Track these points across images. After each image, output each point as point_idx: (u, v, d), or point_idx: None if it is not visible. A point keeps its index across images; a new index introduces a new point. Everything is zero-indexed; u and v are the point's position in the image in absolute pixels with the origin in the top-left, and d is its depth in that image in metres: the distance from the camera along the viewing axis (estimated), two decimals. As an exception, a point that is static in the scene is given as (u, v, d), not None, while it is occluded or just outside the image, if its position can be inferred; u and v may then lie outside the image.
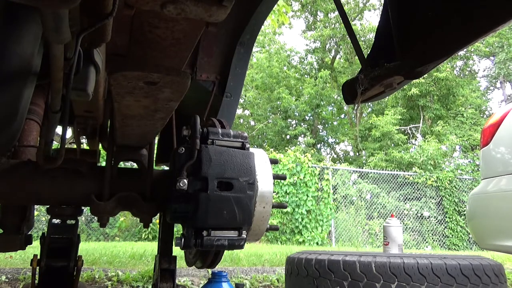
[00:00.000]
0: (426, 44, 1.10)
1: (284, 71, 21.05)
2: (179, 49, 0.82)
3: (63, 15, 0.56)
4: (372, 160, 15.32)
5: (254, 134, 19.66)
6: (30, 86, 0.85)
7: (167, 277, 1.47)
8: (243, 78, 1.80)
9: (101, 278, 2.97)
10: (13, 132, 0.93)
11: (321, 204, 9.92)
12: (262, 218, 1.20)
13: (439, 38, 1.05)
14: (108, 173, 1.27)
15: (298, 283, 1.68)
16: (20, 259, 3.53)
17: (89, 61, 0.82)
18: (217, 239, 1.10)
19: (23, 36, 0.73)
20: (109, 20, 0.66)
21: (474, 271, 1.51)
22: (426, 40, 1.11)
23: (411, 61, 1.13)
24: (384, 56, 1.22)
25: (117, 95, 0.93)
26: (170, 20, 0.71)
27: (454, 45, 1.03)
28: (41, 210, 6.82)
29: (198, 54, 1.69)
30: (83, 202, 1.31)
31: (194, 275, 3.19)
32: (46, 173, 1.24)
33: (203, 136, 1.17)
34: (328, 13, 21.07)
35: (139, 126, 1.16)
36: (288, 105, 19.23)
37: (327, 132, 21.13)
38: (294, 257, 1.75)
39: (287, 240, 9.33)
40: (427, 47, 1.10)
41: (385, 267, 1.47)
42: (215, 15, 0.60)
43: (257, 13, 1.65)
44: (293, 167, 9.60)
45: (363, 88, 1.24)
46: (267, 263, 4.11)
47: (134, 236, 8.34)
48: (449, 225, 10.93)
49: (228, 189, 1.10)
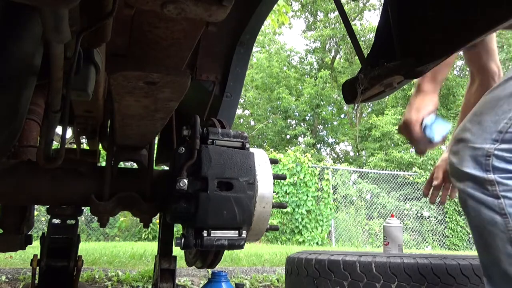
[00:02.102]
0: (426, 44, 1.10)
1: (284, 71, 21.05)
2: (179, 49, 0.82)
3: (64, 15, 0.56)
4: (372, 160, 15.33)
5: (254, 134, 19.67)
6: (30, 86, 0.85)
7: (167, 277, 1.47)
8: (243, 78, 1.80)
9: (101, 278, 2.97)
10: (13, 132, 0.93)
11: (321, 204, 9.93)
12: (262, 218, 1.20)
13: (439, 38, 1.05)
14: (108, 173, 1.27)
15: (298, 283, 1.68)
16: (20, 259, 3.53)
17: (89, 61, 0.82)
18: (217, 239, 1.10)
19: (23, 36, 0.73)
20: (109, 20, 0.66)
21: (474, 271, 1.51)
22: (426, 40, 1.11)
23: (411, 61, 1.13)
24: (384, 56, 1.22)
25: (117, 95, 0.93)
26: (170, 20, 0.71)
27: (454, 45, 1.03)
28: (41, 210, 6.82)
29: (198, 54, 1.69)
30: (83, 202, 1.31)
31: (194, 275, 3.19)
32: (46, 173, 1.24)
33: (203, 136, 1.17)
34: (328, 13, 21.08)
35: (139, 126, 1.16)
36: (288, 105, 19.23)
37: (327, 132, 21.14)
38: (294, 257, 1.75)
39: (287, 240, 9.34)
40: (427, 47, 1.10)
41: (385, 267, 1.47)
42: (215, 15, 0.60)
43: (257, 13, 1.65)
44: (293, 167, 9.60)
45: (363, 87, 1.23)
46: (267, 263, 4.11)
47: (134, 236, 8.35)
48: (449, 225, 10.93)
49: (228, 189, 1.10)
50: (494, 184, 1.08)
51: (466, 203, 1.14)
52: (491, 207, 1.08)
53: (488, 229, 1.08)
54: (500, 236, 1.06)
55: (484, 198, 1.09)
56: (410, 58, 1.20)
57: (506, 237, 1.05)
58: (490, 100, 1.18)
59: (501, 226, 1.06)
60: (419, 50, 1.18)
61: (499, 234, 1.06)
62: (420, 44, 1.14)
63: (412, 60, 1.17)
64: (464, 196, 1.14)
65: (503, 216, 1.06)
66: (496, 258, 1.07)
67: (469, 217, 1.15)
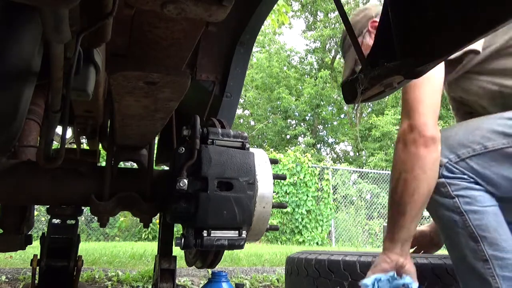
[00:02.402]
0: (426, 44, 1.11)
1: (284, 71, 21.05)
2: (179, 49, 0.82)
3: (64, 15, 0.56)
4: (372, 160, 15.33)
5: (254, 134, 19.67)
6: (30, 86, 0.85)
7: (167, 277, 1.47)
8: (243, 78, 1.80)
9: (101, 278, 2.97)
10: (13, 132, 0.93)
11: (321, 204, 9.92)
12: (262, 218, 1.20)
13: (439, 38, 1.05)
14: (108, 173, 1.27)
15: (298, 283, 1.68)
16: (20, 259, 3.53)
17: (89, 61, 0.82)
18: (217, 239, 1.10)
19: (23, 36, 0.73)
20: (109, 20, 0.66)
21: (474, 271, 1.51)
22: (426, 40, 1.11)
23: (411, 61, 1.13)
24: (384, 56, 1.22)
25: (117, 95, 0.93)
26: (170, 20, 0.71)
27: (454, 45, 1.03)
28: (41, 210, 6.82)
29: (198, 54, 1.69)
30: (83, 202, 1.31)
31: (194, 275, 3.19)
32: (46, 173, 1.24)
33: (203, 136, 1.17)
34: (328, 13, 21.08)
35: (139, 126, 1.16)
36: (288, 105, 19.23)
37: (327, 132, 21.14)
38: (294, 257, 1.75)
39: (287, 240, 9.34)
40: (427, 47, 1.10)
41: (385, 267, 1.46)
42: (215, 15, 0.60)
43: (257, 13, 1.65)
44: (293, 167, 9.60)
45: (363, 87, 1.24)
46: (267, 263, 4.11)
47: (134, 236, 8.34)
48: (449, 225, 10.92)
49: (228, 189, 1.10)
50: (445, 185, 1.14)
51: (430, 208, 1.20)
52: (448, 208, 1.14)
53: (451, 228, 1.14)
54: (462, 233, 1.11)
55: (442, 200, 1.15)
56: (410, 58, 1.21)
57: (466, 233, 1.11)
58: (471, 124, 1.24)
59: (460, 224, 1.12)
60: (419, 50, 1.19)
61: (460, 232, 1.12)
62: (420, 44, 1.14)
63: (412, 60, 1.17)
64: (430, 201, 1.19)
65: (460, 215, 1.12)
66: (462, 255, 1.12)
67: (436, 221, 1.21)
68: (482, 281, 1.09)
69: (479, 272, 1.09)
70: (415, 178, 1.14)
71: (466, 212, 1.11)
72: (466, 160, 1.14)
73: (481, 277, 1.09)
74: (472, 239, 1.10)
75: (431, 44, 1.12)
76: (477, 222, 1.10)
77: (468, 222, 1.11)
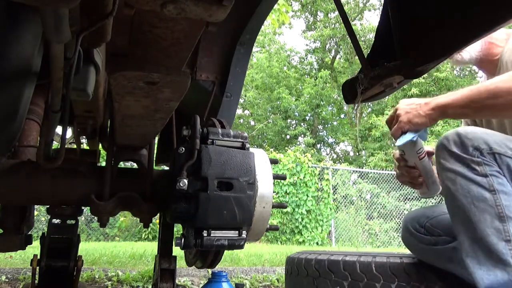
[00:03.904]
0: (426, 44, 1.11)
1: (284, 71, 21.04)
2: (179, 49, 0.82)
3: (64, 15, 0.56)
4: (372, 160, 15.33)
5: (254, 134, 19.66)
6: (30, 86, 0.85)
7: (167, 277, 1.47)
8: (243, 78, 1.80)
9: (101, 278, 2.97)
10: (13, 132, 0.93)
11: (321, 204, 9.92)
12: (262, 218, 1.20)
13: (439, 38, 1.05)
14: (108, 173, 1.27)
15: (298, 283, 1.68)
16: (20, 259, 3.53)
17: (89, 61, 0.82)
18: (217, 239, 1.10)
19: (23, 36, 0.73)
20: (109, 20, 0.66)
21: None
22: (426, 40, 1.11)
23: (411, 61, 1.13)
24: (384, 56, 1.22)
25: (117, 95, 0.93)
26: (170, 20, 0.71)
27: (454, 45, 1.03)
28: (41, 210, 6.82)
29: (198, 54, 1.69)
30: (83, 202, 1.31)
31: (194, 275, 3.19)
32: (46, 173, 1.24)
33: (203, 136, 1.17)
34: (328, 13, 21.07)
35: (139, 126, 1.16)
36: (288, 105, 19.22)
37: (327, 132, 21.12)
38: (294, 257, 1.75)
39: (287, 240, 9.33)
40: (427, 47, 1.10)
41: (385, 267, 1.46)
42: (215, 15, 0.60)
43: (257, 13, 1.65)
44: (293, 167, 9.59)
45: (363, 87, 1.24)
46: (267, 263, 4.11)
47: (134, 236, 8.34)
48: (449, 225, 10.92)
49: (228, 189, 1.10)
50: (481, 164, 1.16)
51: (455, 181, 1.19)
52: (480, 184, 1.15)
53: (477, 205, 1.14)
54: (489, 211, 1.12)
55: (473, 176, 1.16)
56: (410, 58, 1.21)
57: (494, 212, 1.12)
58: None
59: (490, 201, 1.13)
60: (419, 50, 1.19)
61: (487, 209, 1.12)
62: (420, 44, 1.14)
63: (412, 60, 1.17)
64: (453, 175, 1.19)
65: (492, 192, 1.13)
66: (483, 233, 1.12)
67: (456, 196, 1.20)
68: (500, 261, 1.08)
69: (499, 252, 1.09)
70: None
71: (498, 191, 1.13)
72: (503, 156, 1.16)
73: (499, 257, 1.09)
74: (499, 218, 1.11)
75: (431, 44, 1.12)
76: (507, 202, 1.12)
77: (499, 201, 1.12)
